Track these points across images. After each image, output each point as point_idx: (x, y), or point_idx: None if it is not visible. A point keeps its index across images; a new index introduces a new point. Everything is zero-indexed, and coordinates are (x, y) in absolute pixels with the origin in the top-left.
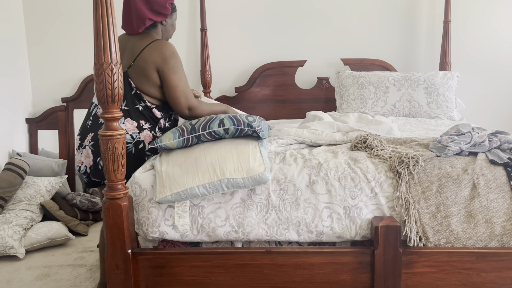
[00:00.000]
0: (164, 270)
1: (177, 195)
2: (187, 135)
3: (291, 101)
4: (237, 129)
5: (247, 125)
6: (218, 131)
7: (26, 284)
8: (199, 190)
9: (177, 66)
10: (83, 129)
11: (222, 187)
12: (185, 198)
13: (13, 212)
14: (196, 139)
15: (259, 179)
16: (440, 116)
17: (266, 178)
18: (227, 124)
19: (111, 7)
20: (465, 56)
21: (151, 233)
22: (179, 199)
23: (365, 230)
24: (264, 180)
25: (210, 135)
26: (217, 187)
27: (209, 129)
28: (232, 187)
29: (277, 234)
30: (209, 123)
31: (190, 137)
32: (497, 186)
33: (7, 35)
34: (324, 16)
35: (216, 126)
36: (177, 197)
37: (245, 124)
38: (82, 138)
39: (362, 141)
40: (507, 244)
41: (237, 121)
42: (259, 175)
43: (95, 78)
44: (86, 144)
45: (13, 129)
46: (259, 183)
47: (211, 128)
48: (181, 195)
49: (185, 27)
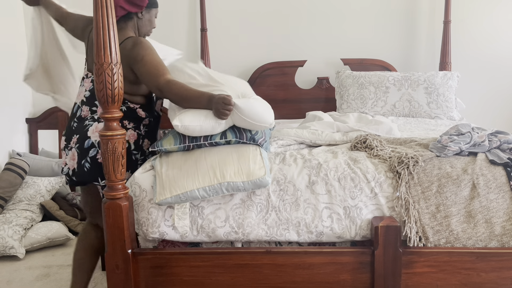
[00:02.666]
0: (164, 270)
1: (177, 197)
2: (188, 143)
3: (291, 101)
4: (239, 141)
5: (250, 138)
6: (219, 142)
7: (26, 284)
8: (199, 192)
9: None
10: (69, 130)
11: (222, 190)
12: (185, 200)
13: (13, 212)
14: (196, 146)
15: (259, 183)
16: (440, 116)
17: (266, 182)
18: (229, 137)
19: (111, 7)
20: (465, 56)
21: (151, 233)
22: (179, 201)
23: (365, 230)
24: (264, 184)
25: (211, 144)
26: (217, 190)
27: (211, 140)
28: (232, 190)
29: (277, 234)
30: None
31: (191, 145)
32: (497, 186)
33: (7, 35)
34: (324, 16)
35: (218, 138)
36: (177, 199)
37: (248, 138)
38: (67, 140)
39: (362, 141)
40: (507, 244)
41: (239, 134)
42: (259, 179)
43: (95, 78)
44: (72, 145)
45: (13, 129)
46: (259, 187)
47: (213, 139)
48: (181, 197)
49: (185, 27)
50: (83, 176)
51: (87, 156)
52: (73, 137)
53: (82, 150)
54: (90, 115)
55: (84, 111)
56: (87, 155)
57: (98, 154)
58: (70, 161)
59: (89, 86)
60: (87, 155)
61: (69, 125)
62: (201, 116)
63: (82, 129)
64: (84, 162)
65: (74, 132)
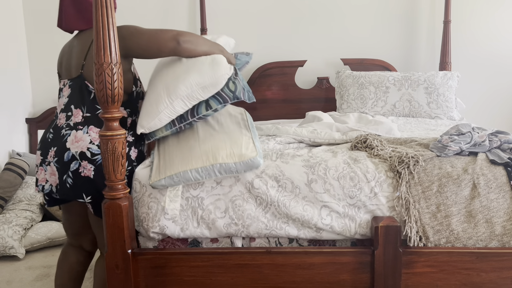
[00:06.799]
0: (164, 270)
1: (170, 179)
2: (179, 125)
3: (291, 101)
4: (224, 105)
5: (233, 97)
6: (208, 114)
7: (26, 284)
8: (191, 174)
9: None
10: (44, 143)
11: (214, 172)
12: (178, 182)
13: (13, 212)
14: (188, 125)
15: (251, 163)
16: (440, 116)
17: (258, 162)
18: (214, 105)
19: (111, 7)
20: (465, 56)
21: (151, 228)
22: (172, 183)
23: (364, 229)
24: (256, 164)
25: (201, 119)
26: (210, 172)
27: (198, 115)
28: (225, 172)
29: (277, 227)
30: (196, 109)
31: (182, 125)
32: (497, 186)
33: (7, 35)
34: (324, 16)
35: (204, 110)
36: (170, 180)
37: (231, 98)
38: (44, 154)
39: (362, 141)
40: (507, 244)
41: (222, 98)
42: (250, 159)
43: (95, 78)
44: (49, 160)
45: (13, 129)
46: (251, 168)
47: (200, 113)
48: (174, 178)
49: (185, 27)
50: (66, 193)
51: (68, 170)
52: (50, 150)
53: (62, 164)
54: (65, 122)
55: (60, 118)
56: (68, 170)
57: (80, 167)
58: (51, 177)
59: (67, 92)
60: (68, 169)
61: (44, 137)
62: (153, 111)
63: (60, 140)
64: (65, 177)
65: (50, 144)
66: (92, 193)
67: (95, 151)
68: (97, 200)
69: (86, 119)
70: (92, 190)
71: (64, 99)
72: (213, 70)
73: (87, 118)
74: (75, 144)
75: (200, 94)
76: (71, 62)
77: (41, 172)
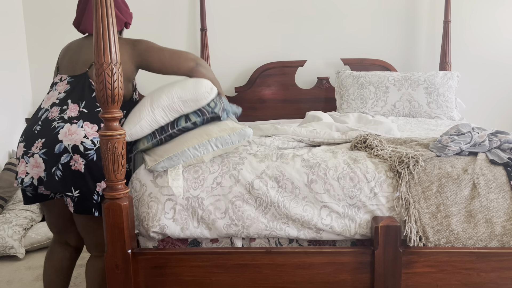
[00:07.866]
0: (164, 270)
1: (169, 160)
2: (159, 136)
3: (291, 101)
4: (203, 119)
5: (211, 112)
6: (187, 126)
7: (26, 284)
8: (190, 151)
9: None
10: (29, 135)
11: (211, 145)
12: (177, 161)
13: (13, 212)
14: (168, 137)
15: (243, 133)
16: (440, 116)
17: (249, 131)
18: (193, 118)
19: (111, 7)
20: (465, 56)
21: (151, 227)
22: (172, 163)
23: (364, 229)
24: (248, 133)
25: (180, 130)
26: (207, 146)
27: (178, 126)
28: (221, 145)
29: (277, 228)
30: (176, 121)
31: (162, 137)
32: (497, 186)
33: (7, 35)
34: (324, 16)
35: (183, 123)
36: (169, 161)
37: (209, 112)
38: (28, 145)
39: (362, 141)
40: (507, 244)
41: (201, 112)
42: (242, 130)
43: (95, 78)
44: (34, 151)
45: (13, 129)
46: (244, 137)
47: (180, 125)
48: (173, 158)
49: (185, 27)
50: (54, 186)
51: (58, 162)
52: (36, 142)
53: (52, 156)
54: (59, 115)
55: (53, 112)
56: (58, 162)
57: (71, 161)
58: (33, 169)
59: (64, 88)
60: (58, 161)
61: (30, 129)
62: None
63: (49, 131)
64: (55, 169)
65: (37, 136)
66: (80, 187)
67: (89, 146)
68: (84, 195)
69: (82, 114)
70: (81, 185)
71: (58, 93)
72: (195, 87)
73: (83, 113)
74: (68, 136)
75: (180, 107)
76: (77, 59)
77: (21, 164)
